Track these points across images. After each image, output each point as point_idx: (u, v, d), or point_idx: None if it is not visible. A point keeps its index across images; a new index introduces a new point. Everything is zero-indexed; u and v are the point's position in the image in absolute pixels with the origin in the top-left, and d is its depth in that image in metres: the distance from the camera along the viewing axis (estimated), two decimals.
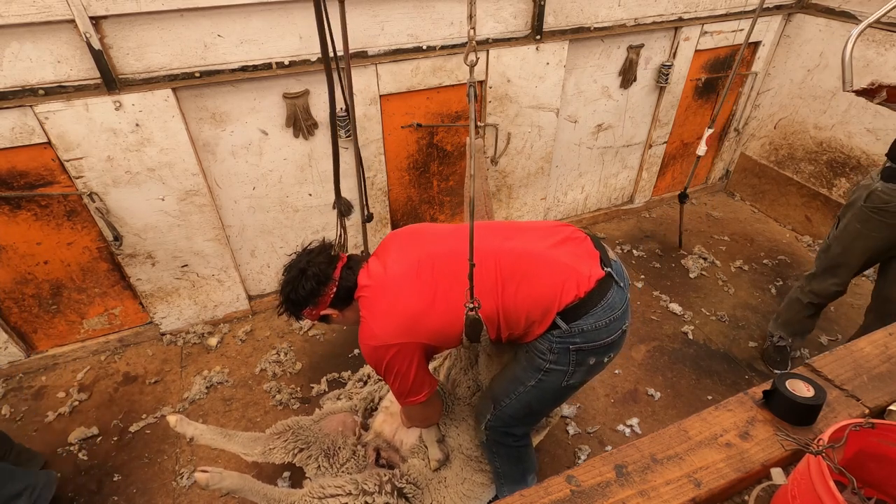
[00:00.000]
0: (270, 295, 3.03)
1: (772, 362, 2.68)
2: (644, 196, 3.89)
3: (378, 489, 1.68)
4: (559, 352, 1.42)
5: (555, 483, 0.97)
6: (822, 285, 2.37)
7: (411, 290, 1.43)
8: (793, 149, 3.66)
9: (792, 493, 0.85)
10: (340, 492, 1.66)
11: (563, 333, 1.39)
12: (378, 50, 2.42)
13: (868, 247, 2.16)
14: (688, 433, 1.06)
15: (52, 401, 2.50)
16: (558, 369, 1.46)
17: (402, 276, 1.45)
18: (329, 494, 1.65)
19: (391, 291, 1.44)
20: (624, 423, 2.40)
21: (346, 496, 1.66)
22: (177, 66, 2.13)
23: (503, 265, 1.41)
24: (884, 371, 1.18)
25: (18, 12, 1.81)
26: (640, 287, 3.21)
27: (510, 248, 1.45)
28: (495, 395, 1.67)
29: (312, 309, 1.54)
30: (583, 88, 3.11)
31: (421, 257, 1.47)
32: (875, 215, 2.06)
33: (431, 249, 1.49)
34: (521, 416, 1.65)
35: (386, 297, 1.45)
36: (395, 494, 1.69)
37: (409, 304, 1.42)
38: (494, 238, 1.48)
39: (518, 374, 1.57)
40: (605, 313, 1.39)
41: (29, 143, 2.07)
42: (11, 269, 2.36)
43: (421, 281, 1.43)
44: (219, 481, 1.64)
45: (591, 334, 1.39)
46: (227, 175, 2.52)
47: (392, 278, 1.46)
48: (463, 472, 1.87)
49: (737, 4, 3.16)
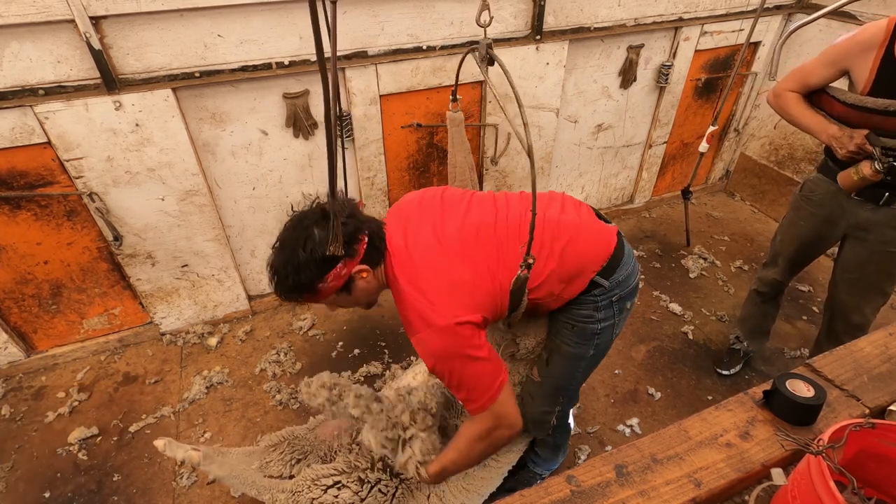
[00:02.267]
0: (270, 295, 3.03)
1: (718, 362, 2.66)
2: (644, 196, 3.89)
3: (371, 466, 1.67)
4: (605, 307, 1.46)
5: (555, 483, 0.97)
6: (764, 273, 2.40)
7: (453, 260, 1.29)
8: (793, 149, 3.66)
9: (792, 494, 0.85)
10: (333, 471, 1.65)
11: (604, 290, 1.44)
12: (378, 50, 2.42)
13: (796, 235, 2.18)
14: (688, 433, 1.05)
15: (51, 401, 2.50)
16: (607, 325, 1.50)
17: (435, 248, 1.30)
18: (322, 475, 1.64)
19: (434, 260, 1.27)
20: (624, 423, 2.40)
21: (340, 475, 1.64)
22: (177, 66, 2.13)
23: (548, 230, 1.39)
24: (884, 371, 1.18)
25: (18, 12, 1.81)
26: (640, 287, 3.21)
27: (550, 216, 1.42)
28: (556, 388, 1.68)
29: (343, 266, 1.24)
30: (583, 88, 3.11)
31: (443, 229, 1.34)
32: (804, 203, 2.11)
33: (457, 220, 1.36)
34: (575, 392, 1.72)
35: (431, 267, 1.26)
36: (387, 472, 1.67)
37: (461, 273, 1.27)
38: (522, 207, 1.43)
39: (572, 352, 1.56)
40: (628, 260, 1.48)
41: (29, 143, 2.07)
42: (11, 269, 2.36)
43: (455, 252, 1.30)
44: (208, 464, 1.63)
45: (625, 282, 1.47)
46: (227, 175, 2.52)
47: (426, 247, 1.30)
48: None
49: (737, 4, 3.16)
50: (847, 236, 2.06)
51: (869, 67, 1.68)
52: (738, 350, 2.62)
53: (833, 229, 2.06)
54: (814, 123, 1.88)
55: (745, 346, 2.60)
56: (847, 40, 1.73)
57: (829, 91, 1.83)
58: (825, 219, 2.05)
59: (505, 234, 1.36)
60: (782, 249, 2.26)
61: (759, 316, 2.52)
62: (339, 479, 1.63)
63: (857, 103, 1.72)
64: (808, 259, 2.26)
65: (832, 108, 1.84)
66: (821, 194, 2.03)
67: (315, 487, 1.62)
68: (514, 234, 1.36)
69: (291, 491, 1.64)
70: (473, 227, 1.35)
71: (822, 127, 1.85)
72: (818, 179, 2.05)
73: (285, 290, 1.29)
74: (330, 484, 1.63)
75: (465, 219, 1.37)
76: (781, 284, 2.36)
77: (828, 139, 1.83)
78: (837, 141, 1.80)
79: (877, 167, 1.72)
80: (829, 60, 1.79)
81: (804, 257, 2.24)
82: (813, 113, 1.89)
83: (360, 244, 1.26)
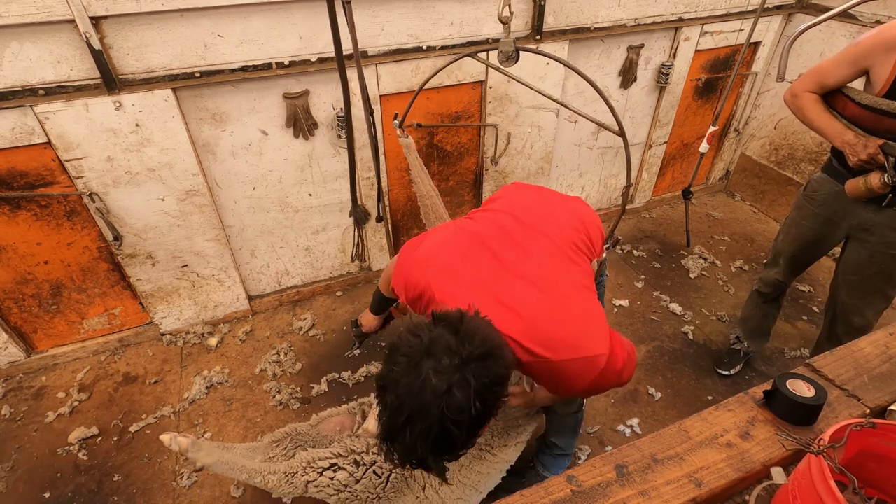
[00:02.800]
0: (270, 295, 3.03)
1: (718, 362, 2.67)
2: (644, 196, 3.89)
3: (366, 449, 1.66)
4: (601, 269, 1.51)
5: (555, 483, 0.97)
6: (766, 273, 2.40)
7: (565, 290, 1.17)
8: (793, 149, 3.66)
9: (792, 493, 0.85)
10: (329, 454, 1.64)
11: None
12: (378, 50, 2.42)
13: (798, 234, 2.17)
14: (688, 433, 1.05)
15: (52, 401, 2.50)
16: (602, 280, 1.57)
17: (546, 283, 1.16)
18: (318, 458, 1.64)
19: (561, 304, 1.13)
20: (624, 424, 2.40)
21: (336, 458, 1.64)
22: (177, 66, 2.13)
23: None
24: (884, 371, 1.18)
25: (18, 12, 1.81)
26: (640, 287, 3.21)
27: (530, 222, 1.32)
28: None
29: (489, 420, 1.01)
30: (583, 88, 3.11)
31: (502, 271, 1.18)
32: (807, 203, 2.11)
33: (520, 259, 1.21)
34: None
35: (567, 317, 1.12)
36: (382, 455, 1.68)
37: (579, 303, 1.16)
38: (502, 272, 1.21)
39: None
40: None
41: (29, 144, 2.07)
42: (11, 269, 2.36)
43: (558, 275, 1.18)
44: (196, 451, 1.59)
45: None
46: (227, 175, 2.52)
47: (547, 292, 1.14)
48: (461, 458, 1.84)
49: (737, 4, 3.16)
50: (849, 238, 2.06)
51: (889, 69, 1.63)
52: (739, 350, 2.62)
53: (835, 230, 2.06)
54: (829, 127, 1.84)
55: (745, 347, 2.60)
56: (870, 39, 1.67)
57: (845, 91, 1.80)
58: (827, 219, 2.05)
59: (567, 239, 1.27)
60: (784, 249, 2.26)
61: (760, 316, 2.52)
62: (335, 462, 1.62)
63: (872, 105, 1.69)
64: (809, 260, 2.25)
65: (845, 109, 1.81)
66: (824, 194, 2.03)
67: (311, 470, 1.61)
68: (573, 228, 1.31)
69: (285, 472, 1.61)
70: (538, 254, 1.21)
71: (838, 132, 1.81)
72: (822, 179, 2.04)
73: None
74: (326, 466, 1.62)
75: (526, 251, 1.21)
76: (783, 284, 2.36)
77: (842, 145, 1.80)
78: (851, 148, 1.77)
79: (886, 180, 1.70)
80: (849, 59, 1.74)
81: (806, 257, 2.24)
82: (829, 116, 1.85)
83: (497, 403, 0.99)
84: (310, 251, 2.97)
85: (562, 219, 1.34)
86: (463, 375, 0.87)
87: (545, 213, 1.35)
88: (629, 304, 3.07)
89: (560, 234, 1.28)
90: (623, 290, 3.19)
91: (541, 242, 1.23)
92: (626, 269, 3.36)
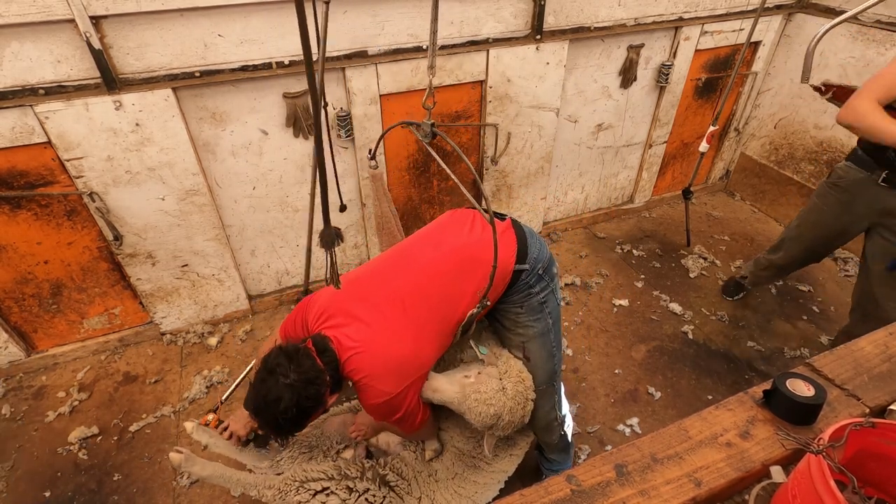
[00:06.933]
0: (270, 295, 3.03)
1: (727, 291, 3.08)
2: (644, 196, 3.89)
3: (360, 475, 1.68)
4: (536, 282, 1.63)
5: (555, 483, 0.97)
6: (765, 255, 2.60)
7: (394, 335, 1.48)
8: (793, 148, 3.66)
9: (792, 493, 0.85)
10: (322, 476, 1.66)
11: (528, 271, 1.60)
12: (378, 49, 2.42)
13: (817, 220, 2.23)
14: (688, 433, 1.05)
15: (52, 400, 2.50)
16: (547, 293, 1.67)
17: (380, 325, 1.49)
18: (311, 478, 1.65)
19: (379, 345, 1.47)
20: (624, 423, 2.40)
21: (328, 480, 1.65)
22: (177, 65, 2.13)
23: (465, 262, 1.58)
24: (884, 370, 1.18)
25: (18, 12, 1.81)
26: (640, 287, 3.21)
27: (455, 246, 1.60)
28: (547, 374, 1.76)
29: (316, 414, 1.48)
30: (583, 88, 3.11)
31: (387, 299, 1.52)
32: (831, 190, 2.16)
33: (394, 287, 1.54)
34: (559, 371, 1.83)
35: (377, 354, 1.47)
36: (376, 482, 1.68)
37: (402, 349, 1.48)
38: (412, 264, 1.59)
39: (538, 329, 1.69)
40: (532, 238, 1.64)
41: (29, 143, 2.07)
42: (11, 268, 2.36)
43: (399, 323, 1.49)
44: (190, 465, 1.64)
45: (540, 255, 1.64)
46: (227, 175, 2.52)
47: (374, 332, 1.48)
48: (454, 466, 1.84)
49: (737, 4, 3.16)
50: (871, 229, 2.11)
51: None
52: (743, 284, 2.99)
53: (856, 219, 2.11)
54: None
55: (746, 283, 2.94)
56: None
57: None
58: (849, 206, 2.10)
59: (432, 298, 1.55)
60: (799, 233, 2.33)
61: (762, 272, 2.78)
62: (327, 486, 1.64)
63: None
64: (820, 249, 2.31)
65: None
66: (849, 181, 2.08)
67: (303, 490, 1.64)
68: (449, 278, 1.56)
69: (279, 489, 1.65)
70: (405, 295, 1.53)
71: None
72: (847, 167, 2.10)
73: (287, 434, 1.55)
74: (318, 489, 1.64)
75: (394, 285, 1.54)
76: (776, 271, 2.43)
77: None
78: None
79: None
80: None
81: (819, 246, 2.30)
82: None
83: (325, 396, 1.45)
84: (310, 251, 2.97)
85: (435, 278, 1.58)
86: (290, 388, 1.35)
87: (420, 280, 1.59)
88: (629, 303, 3.07)
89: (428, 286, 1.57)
90: (623, 289, 3.19)
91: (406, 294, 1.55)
92: (626, 269, 3.36)
